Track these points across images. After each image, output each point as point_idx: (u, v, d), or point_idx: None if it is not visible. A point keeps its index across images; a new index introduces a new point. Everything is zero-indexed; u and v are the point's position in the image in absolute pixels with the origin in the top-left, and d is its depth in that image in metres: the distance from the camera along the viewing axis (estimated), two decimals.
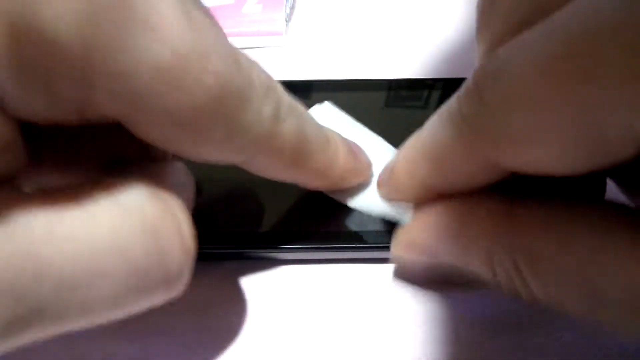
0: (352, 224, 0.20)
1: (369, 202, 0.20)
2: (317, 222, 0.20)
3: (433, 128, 0.15)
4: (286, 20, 0.29)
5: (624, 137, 0.10)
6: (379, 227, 0.20)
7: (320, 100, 0.23)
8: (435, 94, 0.24)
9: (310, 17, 0.30)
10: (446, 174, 0.15)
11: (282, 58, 0.28)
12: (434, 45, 0.28)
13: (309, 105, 0.23)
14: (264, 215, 0.21)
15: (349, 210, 0.20)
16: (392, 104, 0.22)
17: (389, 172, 0.18)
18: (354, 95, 0.24)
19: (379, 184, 0.20)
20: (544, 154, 0.11)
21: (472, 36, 0.29)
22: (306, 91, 0.25)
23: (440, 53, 0.28)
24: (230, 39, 0.13)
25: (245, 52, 0.14)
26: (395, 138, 0.21)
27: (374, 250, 0.20)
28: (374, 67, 0.28)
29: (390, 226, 0.19)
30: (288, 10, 0.30)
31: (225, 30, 0.13)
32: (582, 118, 0.10)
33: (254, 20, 0.29)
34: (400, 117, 0.24)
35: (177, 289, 0.14)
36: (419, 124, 0.16)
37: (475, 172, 0.14)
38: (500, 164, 0.13)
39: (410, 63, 0.28)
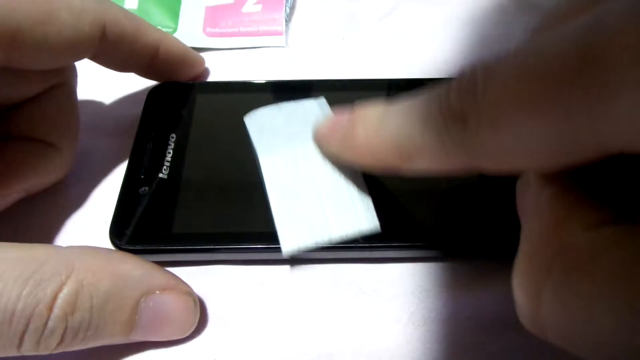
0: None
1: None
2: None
3: (409, 125, 0.15)
4: (286, 20, 0.29)
5: (593, 144, 0.10)
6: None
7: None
8: None
9: (310, 17, 0.30)
10: (415, 165, 0.15)
11: (282, 58, 0.28)
12: (434, 46, 0.28)
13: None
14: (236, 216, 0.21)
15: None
16: None
17: (347, 140, 0.18)
18: (354, 95, 0.24)
19: (328, 141, 0.19)
20: (522, 161, 0.12)
21: (471, 36, 0.29)
22: (306, 91, 0.25)
23: (439, 53, 0.28)
24: (230, 39, 0.13)
25: (245, 52, 0.14)
26: None
27: (372, 250, 0.20)
28: (374, 67, 0.28)
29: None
30: (288, 10, 0.30)
31: (226, 30, 0.13)
32: (562, 133, 0.11)
33: (254, 20, 0.29)
34: None
35: None
36: None
37: (447, 169, 0.14)
38: (477, 168, 0.13)
39: (410, 63, 0.28)
